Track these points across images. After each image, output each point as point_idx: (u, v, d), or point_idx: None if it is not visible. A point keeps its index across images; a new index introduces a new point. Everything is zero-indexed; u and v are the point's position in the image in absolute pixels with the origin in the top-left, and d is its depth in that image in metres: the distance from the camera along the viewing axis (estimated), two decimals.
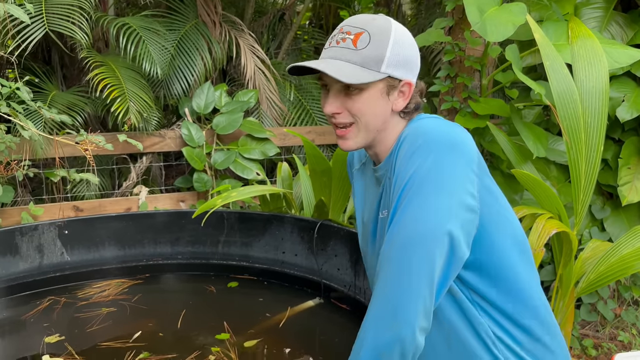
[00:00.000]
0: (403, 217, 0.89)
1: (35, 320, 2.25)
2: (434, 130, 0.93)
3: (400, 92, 1.03)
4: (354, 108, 1.00)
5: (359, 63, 0.97)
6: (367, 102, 0.99)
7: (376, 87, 0.99)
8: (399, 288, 0.86)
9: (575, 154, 2.04)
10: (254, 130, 3.53)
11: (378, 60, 0.97)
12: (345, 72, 0.95)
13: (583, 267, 2.19)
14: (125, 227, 2.75)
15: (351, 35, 0.98)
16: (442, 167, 0.89)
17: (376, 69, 0.97)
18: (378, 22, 0.99)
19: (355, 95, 0.99)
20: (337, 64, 0.96)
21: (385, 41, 0.98)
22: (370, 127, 1.02)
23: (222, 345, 1.99)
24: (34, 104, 2.61)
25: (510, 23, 2.07)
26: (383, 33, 0.98)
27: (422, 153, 0.91)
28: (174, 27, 3.62)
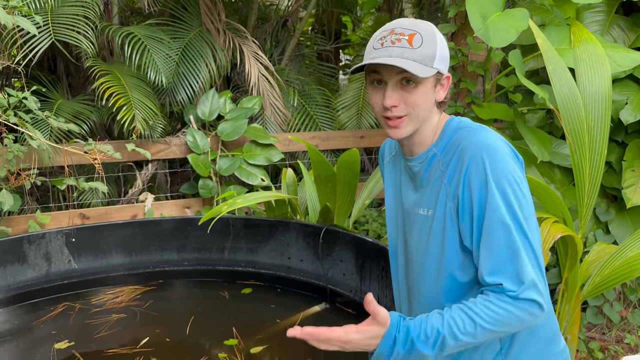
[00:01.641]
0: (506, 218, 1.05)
1: (45, 326, 2.27)
2: (487, 142, 1.09)
3: (441, 85, 1.15)
4: (411, 100, 1.10)
5: (418, 60, 1.07)
6: (422, 94, 1.11)
7: (429, 81, 1.11)
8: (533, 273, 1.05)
9: (579, 157, 2.04)
10: (258, 136, 3.55)
11: (432, 57, 1.09)
12: (415, 68, 1.06)
13: (588, 270, 2.20)
14: (132, 234, 2.77)
15: (405, 36, 1.09)
16: (506, 169, 1.07)
17: (430, 64, 1.09)
18: (425, 25, 1.12)
19: (413, 89, 1.10)
20: (402, 60, 1.07)
21: (434, 40, 1.10)
22: (420, 117, 1.13)
23: (230, 350, 2.01)
24: (41, 113, 2.64)
25: (512, 28, 2.08)
26: (432, 34, 1.11)
27: (489, 163, 1.07)
28: (178, 35, 3.65)
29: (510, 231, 1.05)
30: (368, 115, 4.09)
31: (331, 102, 4.26)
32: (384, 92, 1.11)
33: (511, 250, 1.04)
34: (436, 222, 1.14)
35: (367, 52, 1.13)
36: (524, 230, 1.05)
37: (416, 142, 1.18)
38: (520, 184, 1.07)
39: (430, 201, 1.16)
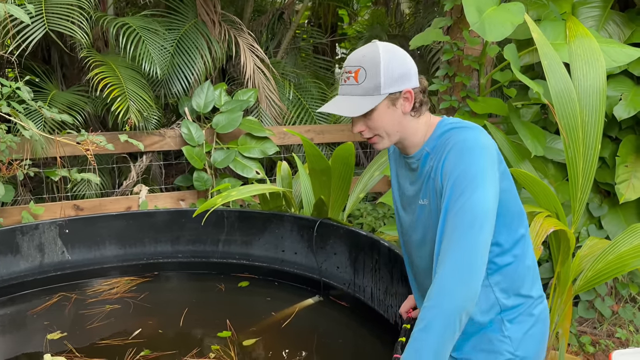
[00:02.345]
0: (460, 206, 1.16)
1: (39, 317, 2.27)
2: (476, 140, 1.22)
3: (404, 99, 1.27)
4: (371, 125, 1.28)
5: (362, 94, 1.24)
6: (378, 118, 1.26)
7: (382, 105, 1.25)
8: (468, 259, 1.14)
9: (572, 152, 2.05)
10: (253, 129, 3.54)
11: (376, 86, 1.23)
12: (352, 107, 1.24)
13: (581, 265, 2.21)
14: (125, 226, 2.76)
15: (352, 74, 1.26)
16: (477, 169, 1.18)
17: (377, 93, 1.24)
18: (368, 56, 1.25)
19: (369, 116, 1.26)
20: (347, 101, 1.25)
21: (377, 70, 1.23)
22: (390, 132, 1.29)
23: (223, 343, 2.01)
24: (35, 104, 2.62)
25: (508, 22, 2.08)
26: (374, 65, 1.24)
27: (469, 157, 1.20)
28: (173, 26, 3.62)
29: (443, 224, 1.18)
30: None
31: (327, 95, 4.25)
32: (353, 120, 1.30)
33: None
34: (432, 211, 1.28)
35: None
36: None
37: (406, 146, 1.34)
38: (480, 181, 1.17)
39: (426, 192, 1.31)
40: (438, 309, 1.12)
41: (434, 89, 2.65)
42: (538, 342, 1.35)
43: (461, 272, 1.13)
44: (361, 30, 5.46)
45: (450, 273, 1.13)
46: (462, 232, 1.15)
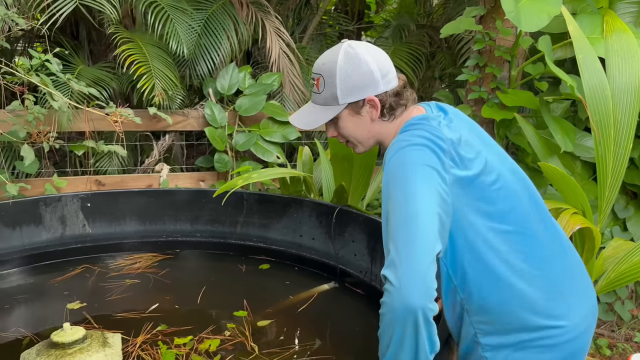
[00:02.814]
0: (389, 213, 1.08)
1: (60, 287, 2.30)
2: (398, 147, 1.13)
3: (370, 106, 1.24)
4: (341, 132, 1.28)
5: (323, 103, 1.23)
6: (344, 126, 1.26)
7: (343, 114, 1.24)
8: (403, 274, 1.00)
9: (603, 150, 2.00)
10: (276, 113, 3.53)
11: (334, 97, 1.21)
12: (311, 118, 1.24)
13: (604, 265, 2.17)
14: (146, 202, 2.78)
15: (315, 81, 1.25)
16: (402, 170, 1.10)
17: (335, 103, 1.22)
18: (327, 65, 1.21)
19: (336, 123, 1.26)
20: (309, 111, 1.26)
21: (334, 80, 1.20)
22: (360, 138, 1.28)
23: (239, 322, 2.02)
24: (63, 76, 2.64)
25: (545, 13, 2.03)
26: (331, 74, 1.21)
27: (391, 164, 1.12)
28: (201, 6, 3.62)
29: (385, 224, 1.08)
30: None
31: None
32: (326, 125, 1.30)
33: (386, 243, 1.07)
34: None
35: None
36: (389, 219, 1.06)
37: (384, 148, 1.28)
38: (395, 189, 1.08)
39: None
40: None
41: (462, 79, 2.61)
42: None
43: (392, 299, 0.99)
44: (388, 19, 5.39)
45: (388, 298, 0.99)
46: (393, 240, 1.03)
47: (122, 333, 1.87)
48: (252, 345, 1.86)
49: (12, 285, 2.33)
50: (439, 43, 4.51)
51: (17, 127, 2.68)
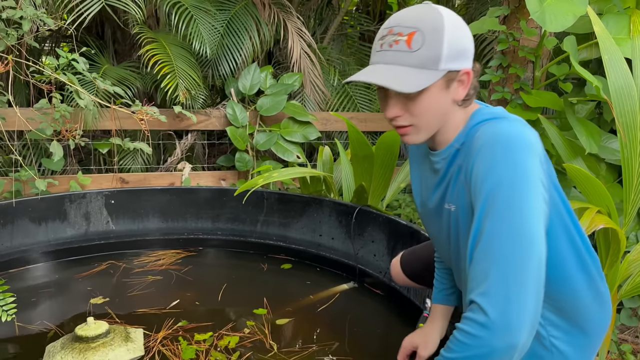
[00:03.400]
0: (496, 231, 0.89)
1: (84, 282, 2.35)
2: (510, 136, 0.93)
3: (459, 82, 1.01)
4: (415, 109, 0.98)
5: (417, 65, 0.94)
6: (428, 101, 0.97)
7: (436, 84, 0.97)
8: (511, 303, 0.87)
9: (629, 152, 1.96)
10: (296, 113, 3.55)
11: (436, 58, 0.94)
12: (404, 81, 0.92)
13: (629, 270, 2.13)
14: (169, 200, 2.82)
15: (404, 37, 0.94)
16: (520, 176, 0.90)
17: (434, 67, 0.94)
18: (429, 18, 0.95)
19: (416, 97, 0.96)
20: (394, 71, 0.94)
21: (440, 37, 0.94)
22: (432, 122, 1.01)
23: (258, 320, 2.03)
24: (89, 75, 2.70)
25: (570, 13, 2.00)
26: (437, 29, 0.94)
27: (500, 163, 0.91)
28: (224, 7, 3.65)
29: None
30: None
31: (371, 83, 4.21)
32: (385, 102, 1.02)
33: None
34: (461, 218, 1.05)
35: (372, 51, 1.02)
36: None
37: (438, 141, 1.08)
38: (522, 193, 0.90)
39: (453, 196, 1.07)
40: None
41: (485, 80, 2.58)
42: None
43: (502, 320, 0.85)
44: None
45: (488, 321, 0.86)
46: (499, 268, 0.87)
47: (144, 328, 1.90)
48: (270, 343, 1.87)
49: (37, 280, 2.39)
50: None
51: (44, 125, 2.74)
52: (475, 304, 0.88)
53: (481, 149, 0.94)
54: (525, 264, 0.86)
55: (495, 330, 0.85)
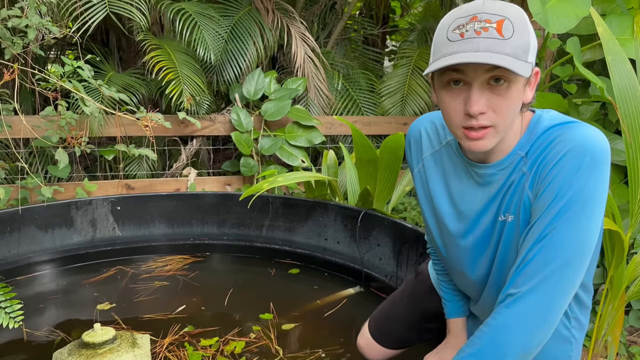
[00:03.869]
0: (565, 236, 0.91)
1: (90, 288, 2.36)
2: (599, 147, 0.91)
3: (530, 83, 0.94)
4: (502, 106, 0.89)
5: (511, 54, 0.85)
6: (514, 97, 0.90)
7: (521, 80, 0.90)
8: (552, 302, 0.92)
9: (634, 153, 1.96)
10: (301, 117, 3.56)
11: (526, 48, 0.87)
12: (515, 65, 0.84)
13: (636, 271, 2.11)
14: (174, 206, 2.84)
15: (492, 24, 0.86)
16: (600, 191, 0.91)
17: (524, 58, 0.87)
18: (514, 8, 0.90)
19: (504, 91, 0.89)
20: (496, 56, 0.85)
21: (527, 27, 0.89)
22: (508, 127, 0.93)
23: (264, 324, 2.04)
24: (95, 82, 2.72)
25: (573, 15, 2.00)
26: (523, 19, 0.88)
27: (586, 172, 0.90)
28: (228, 13, 3.67)
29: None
30: (413, 102, 4.03)
31: (375, 87, 4.22)
32: (465, 95, 0.90)
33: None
34: (521, 226, 1.00)
35: (440, 45, 0.92)
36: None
37: (495, 150, 0.99)
38: (594, 208, 0.91)
39: (512, 205, 1.00)
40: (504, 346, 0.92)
41: None
42: None
43: (532, 319, 0.91)
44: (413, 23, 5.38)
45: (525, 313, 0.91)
46: (554, 268, 0.90)
47: (150, 334, 1.90)
48: (276, 348, 1.87)
49: (44, 287, 2.40)
50: None
51: (49, 132, 2.76)
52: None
53: (567, 155, 0.90)
54: (576, 273, 0.92)
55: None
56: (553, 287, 0.90)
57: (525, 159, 0.97)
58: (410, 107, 4.03)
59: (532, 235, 0.94)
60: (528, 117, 1.01)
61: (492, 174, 1.02)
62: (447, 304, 1.39)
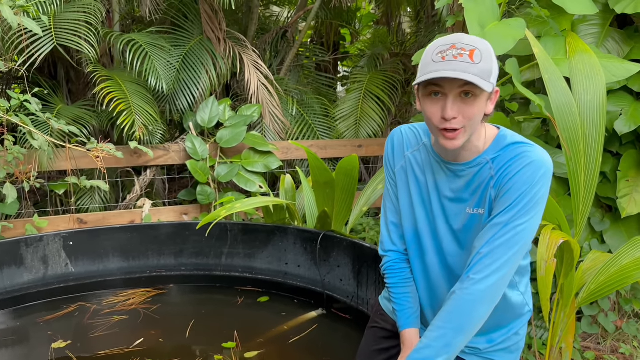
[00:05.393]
0: (523, 227, 1.18)
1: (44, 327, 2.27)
2: (549, 165, 1.21)
3: (491, 99, 1.22)
4: (469, 113, 1.16)
5: (478, 74, 1.13)
6: (478, 107, 1.17)
7: (485, 95, 1.17)
8: (508, 278, 1.22)
9: (574, 165, 2.07)
10: (257, 143, 3.57)
11: (489, 72, 1.15)
12: (480, 82, 1.12)
13: (584, 278, 2.21)
14: (129, 238, 2.77)
15: (467, 52, 1.14)
16: (546, 196, 1.22)
17: (488, 79, 1.15)
18: (482, 42, 1.18)
19: (472, 102, 1.16)
20: (468, 75, 1.12)
21: (492, 57, 1.17)
22: (473, 129, 1.20)
23: (227, 354, 2.01)
24: (43, 115, 2.66)
25: (510, 37, 2.12)
26: (488, 50, 1.17)
27: (540, 181, 1.19)
28: (179, 43, 3.68)
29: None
30: (366, 125, 4.13)
31: (329, 111, 4.29)
32: (442, 104, 1.17)
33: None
34: (484, 220, 1.26)
35: (426, 64, 1.18)
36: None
37: (464, 150, 1.25)
38: (540, 209, 1.21)
39: (480, 202, 1.26)
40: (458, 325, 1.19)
41: None
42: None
43: (494, 294, 1.20)
44: (363, 49, 5.53)
45: (492, 288, 1.18)
46: (514, 253, 1.19)
47: None
48: None
49: None
50: (413, 70, 4.63)
51: None
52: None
53: (526, 168, 1.19)
54: (522, 255, 1.23)
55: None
56: (512, 267, 1.19)
57: (491, 164, 1.24)
58: (364, 129, 4.12)
59: (497, 226, 1.20)
60: (494, 132, 1.28)
61: (462, 169, 1.28)
62: (400, 314, 1.44)
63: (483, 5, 2.25)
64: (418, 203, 1.38)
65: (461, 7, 2.55)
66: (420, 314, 1.46)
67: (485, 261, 1.19)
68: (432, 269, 1.39)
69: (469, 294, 1.19)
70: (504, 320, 1.37)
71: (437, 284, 1.40)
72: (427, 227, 1.38)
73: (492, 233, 1.20)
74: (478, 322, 1.20)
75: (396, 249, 1.46)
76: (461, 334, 1.19)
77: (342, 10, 5.28)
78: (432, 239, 1.37)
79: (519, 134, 1.29)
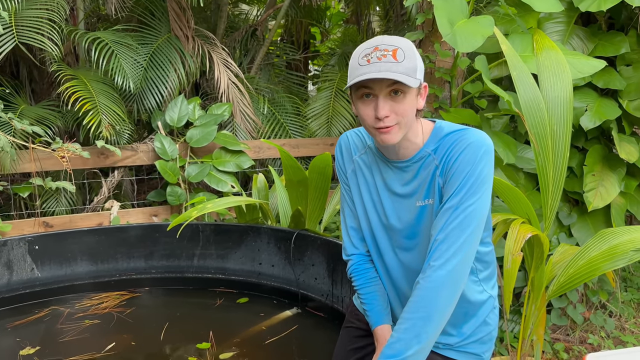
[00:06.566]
0: (473, 207, 1.21)
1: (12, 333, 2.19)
2: (489, 143, 1.25)
3: (420, 94, 1.25)
4: (400, 110, 1.20)
5: (404, 72, 1.17)
6: (409, 103, 1.20)
7: (413, 91, 1.21)
8: (469, 259, 1.23)
9: (543, 160, 2.11)
10: (228, 143, 3.53)
11: (414, 69, 1.19)
12: (405, 79, 1.15)
13: (553, 271, 2.25)
14: (97, 241, 2.71)
15: (389, 52, 1.18)
16: (491, 173, 1.25)
17: (414, 76, 1.19)
18: (404, 41, 1.22)
19: (401, 99, 1.19)
20: (392, 74, 1.16)
21: (414, 54, 1.20)
22: (408, 124, 1.23)
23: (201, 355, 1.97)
24: (5, 115, 2.57)
25: (479, 34, 2.14)
26: (411, 48, 1.21)
27: (482, 160, 1.22)
28: (146, 41, 3.61)
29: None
30: (338, 123, 4.12)
31: (301, 110, 4.28)
32: (374, 104, 1.20)
33: None
34: (435, 208, 1.28)
35: (353, 69, 1.21)
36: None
37: (404, 146, 1.28)
38: (487, 186, 1.24)
39: (429, 192, 1.29)
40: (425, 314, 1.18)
41: None
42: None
43: (456, 278, 1.20)
44: (333, 48, 5.54)
45: (454, 272, 1.19)
46: (469, 233, 1.20)
47: None
48: None
49: None
50: None
51: None
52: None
53: (467, 150, 1.22)
54: (479, 236, 1.24)
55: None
56: (470, 249, 1.21)
57: (433, 155, 1.27)
58: (336, 127, 4.12)
59: (448, 210, 1.22)
60: (430, 126, 1.32)
61: (407, 165, 1.32)
62: (371, 313, 1.44)
63: (452, 3, 2.27)
64: (369, 204, 1.41)
65: (430, 5, 2.57)
66: (391, 312, 1.46)
67: (442, 247, 1.21)
68: (392, 267, 1.41)
69: (431, 281, 1.20)
70: (470, 310, 1.38)
71: (398, 281, 1.42)
72: (380, 226, 1.40)
73: (445, 218, 1.22)
74: (445, 308, 1.21)
75: (358, 252, 1.48)
76: (430, 323, 1.19)
77: (312, 9, 5.27)
78: (386, 238, 1.40)
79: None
